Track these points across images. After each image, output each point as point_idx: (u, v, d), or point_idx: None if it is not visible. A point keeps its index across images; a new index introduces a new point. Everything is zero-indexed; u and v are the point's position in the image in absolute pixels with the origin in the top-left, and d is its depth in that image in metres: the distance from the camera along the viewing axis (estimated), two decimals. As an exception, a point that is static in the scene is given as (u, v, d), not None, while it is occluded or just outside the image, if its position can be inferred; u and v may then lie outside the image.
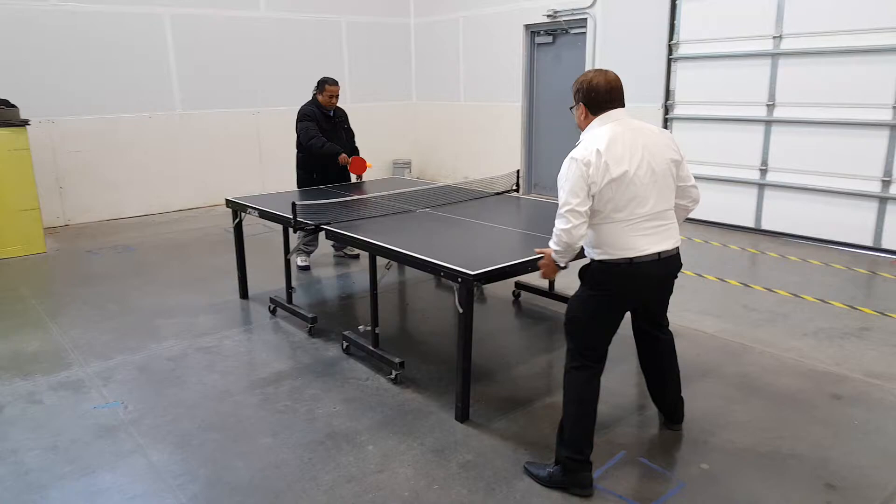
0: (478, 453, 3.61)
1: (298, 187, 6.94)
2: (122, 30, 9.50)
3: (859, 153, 7.26)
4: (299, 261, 7.08)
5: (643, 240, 3.17)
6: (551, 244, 3.23)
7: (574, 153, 3.12)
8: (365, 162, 6.92)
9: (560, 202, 3.12)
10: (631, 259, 3.15)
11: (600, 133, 3.16)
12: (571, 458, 3.28)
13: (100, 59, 9.39)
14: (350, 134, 7.27)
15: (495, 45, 11.23)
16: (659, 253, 3.20)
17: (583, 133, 3.27)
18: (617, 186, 3.08)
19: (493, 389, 4.35)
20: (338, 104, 7.05)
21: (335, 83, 6.86)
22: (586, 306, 3.30)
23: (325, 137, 6.75)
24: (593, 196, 3.08)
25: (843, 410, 4.01)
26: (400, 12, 12.62)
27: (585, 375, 3.34)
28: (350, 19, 11.87)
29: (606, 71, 3.28)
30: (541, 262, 3.44)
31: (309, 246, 7.06)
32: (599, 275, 3.24)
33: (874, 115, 7.08)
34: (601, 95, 3.22)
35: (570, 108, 3.38)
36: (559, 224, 3.12)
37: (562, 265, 3.30)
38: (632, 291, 3.31)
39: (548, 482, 3.34)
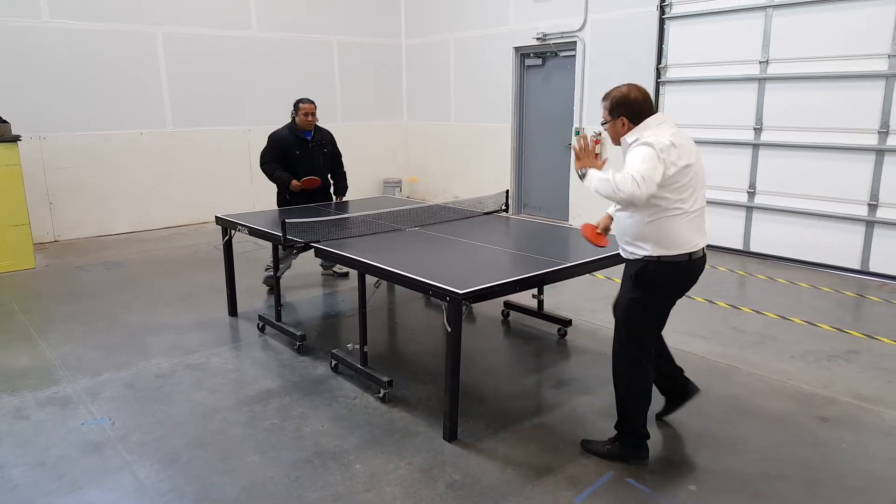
0: (466, 473, 3.60)
1: (277, 205, 6.90)
2: (114, 47, 9.54)
3: (846, 177, 7.33)
4: (266, 274, 6.94)
5: (696, 235, 3.43)
6: (614, 179, 3.24)
7: (647, 140, 3.26)
8: (316, 179, 6.74)
9: (640, 171, 3.16)
10: (690, 254, 3.42)
11: (660, 131, 3.34)
12: (638, 439, 3.66)
13: (92, 76, 9.42)
14: (333, 158, 7.10)
15: (485, 66, 11.32)
16: (703, 248, 3.51)
17: (628, 136, 3.44)
18: (685, 176, 3.30)
19: (481, 409, 4.34)
20: (321, 125, 6.96)
21: (309, 101, 6.75)
22: (645, 307, 3.54)
23: (294, 163, 6.68)
24: (666, 178, 3.24)
25: (830, 433, 4.02)
26: (391, 34, 12.72)
27: (645, 366, 3.63)
28: (341, 40, 11.96)
29: (635, 84, 3.51)
30: (579, 151, 3.59)
31: (280, 264, 6.88)
32: (657, 274, 3.43)
33: (860, 140, 7.16)
34: (641, 106, 3.44)
35: (603, 125, 3.56)
36: (629, 184, 3.15)
37: (581, 175, 3.52)
38: (683, 286, 3.59)
39: (609, 456, 3.69)
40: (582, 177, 3.52)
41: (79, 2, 9.16)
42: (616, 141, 3.56)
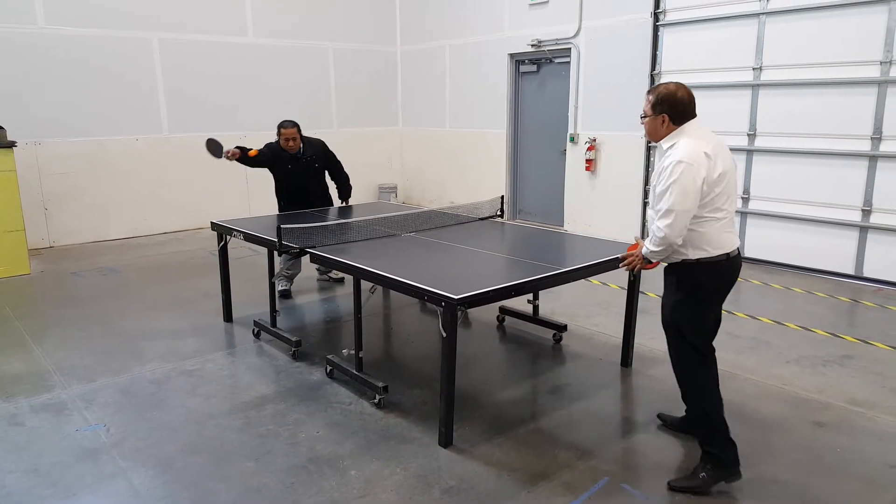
0: (461, 479, 3.60)
1: (278, 211, 6.94)
2: (110, 53, 9.55)
3: (839, 183, 7.37)
4: (280, 285, 6.90)
5: (730, 236, 3.45)
6: (649, 244, 3.41)
7: (681, 157, 3.24)
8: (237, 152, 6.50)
9: (667, 203, 3.24)
10: (728, 254, 3.42)
11: (697, 138, 3.35)
12: (724, 444, 3.48)
13: (87, 82, 9.42)
14: (328, 167, 7.07)
15: (480, 73, 11.37)
16: (738, 248, 3.51)
17: (664, 140, 3.44)
18: (719, 185, 3.30)
19: (477, 414, 4.34)
20: (311, 137, 6.94)
21: (290, 126, 6.61)
22: (693, 308, 3.51)
23: (288, 177, 6.79)
24: (703, 196, 3.27)
25: (825, 438, 4.03)
26: (386, 40, 12.75)
27: (708, 366, 3.58)
28: (337, 46, 11.99)
29: (683, 84, 3.51)
30: (628, 261, 3.66)
31: (290, 270, 6.98)
32: (700, 275, 3.44)
33: (853, 146, 7.20)
34: (686, 107, 3.43)
35: (643, 118, 3.54)
36: (662, 222, 3.27)
37: (653, 262, 3.54)
38: (726, 285, 3.55)
39: (706, 483, 3.45)
40: (648, 260, 3.55)
41: (74, 8, 9.17)
42: (652, 136, 3.54)
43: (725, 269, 3.46)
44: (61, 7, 9.06)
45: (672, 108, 3.40)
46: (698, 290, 3.47)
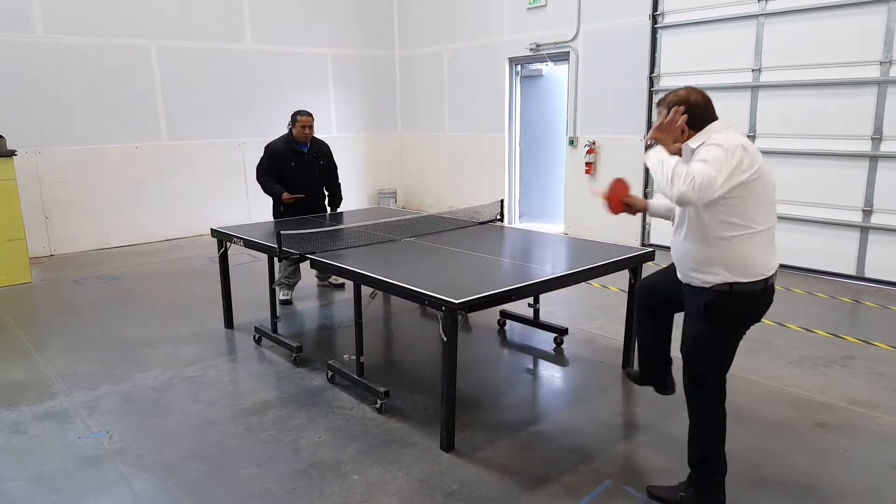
0: (463, 483, 3.60)
1: (273, 217, 6.91)
2: (108, 61, 9.57)
3: (840, 183, 7.37)
4: (281, 295, 6.88)
5: (770, 257, 3.07)
6: (671, 175, 2.86)
7: (718, 141, 2.90)
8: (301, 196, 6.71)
9: (698, 171, 2.80)
10: (765, 280, 3.05)
11: (727, 135, 2.99)
12: (718, 482, 3.28)
13: (86, 90, 9.44)
14: (329, 170, 7.07)
15: (479, 77, 11.39)
16: (776, 271, 3.13)
17: (691, 141, 3.09)
18: (759, 184, 2.93)
19: (478, 418, 4.34)
20: (318, 137, 6.96)
21: (307, 114, 6.71)
22: (717, 340, 3.17)
23: (290, 175, 6.69)
24: (734, 186, 2.87)
25: (828, 439, 4.03)
26: (385, 45, 12.78)
27: (721, 402, 3.26)
28: (336, 52, 12.02)
29: (694, 87, 3.19)
30: (664, 125, 3.13)
31: (290, 279, 6.94)
32: (731, 304, 3.07)
33: (853, 147, 7.21)
34: (703, 109, 3.11)
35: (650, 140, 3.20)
36: (684, 181, 2.79)
37: (648, 145, 3.13)
38: (758, 314, 3.20)
39: None
40: (647, 148, 3.14)
41: (73, 16, 9.19)
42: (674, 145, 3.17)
43: (760, 298, 3.09)
44: (59, 15, 9.09)
45: (689, 113, 3.08)
46: (727, 320, 3.12)
